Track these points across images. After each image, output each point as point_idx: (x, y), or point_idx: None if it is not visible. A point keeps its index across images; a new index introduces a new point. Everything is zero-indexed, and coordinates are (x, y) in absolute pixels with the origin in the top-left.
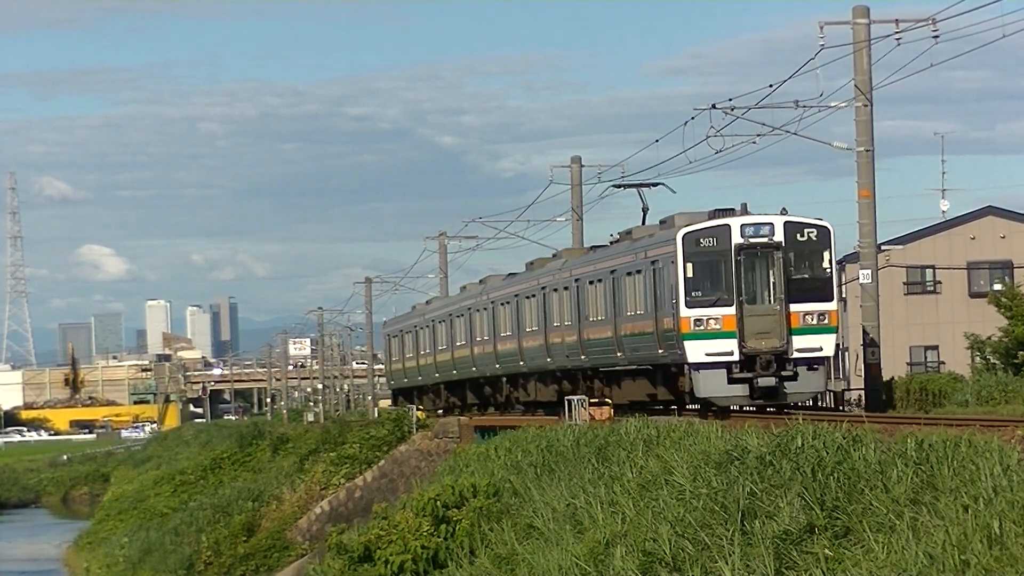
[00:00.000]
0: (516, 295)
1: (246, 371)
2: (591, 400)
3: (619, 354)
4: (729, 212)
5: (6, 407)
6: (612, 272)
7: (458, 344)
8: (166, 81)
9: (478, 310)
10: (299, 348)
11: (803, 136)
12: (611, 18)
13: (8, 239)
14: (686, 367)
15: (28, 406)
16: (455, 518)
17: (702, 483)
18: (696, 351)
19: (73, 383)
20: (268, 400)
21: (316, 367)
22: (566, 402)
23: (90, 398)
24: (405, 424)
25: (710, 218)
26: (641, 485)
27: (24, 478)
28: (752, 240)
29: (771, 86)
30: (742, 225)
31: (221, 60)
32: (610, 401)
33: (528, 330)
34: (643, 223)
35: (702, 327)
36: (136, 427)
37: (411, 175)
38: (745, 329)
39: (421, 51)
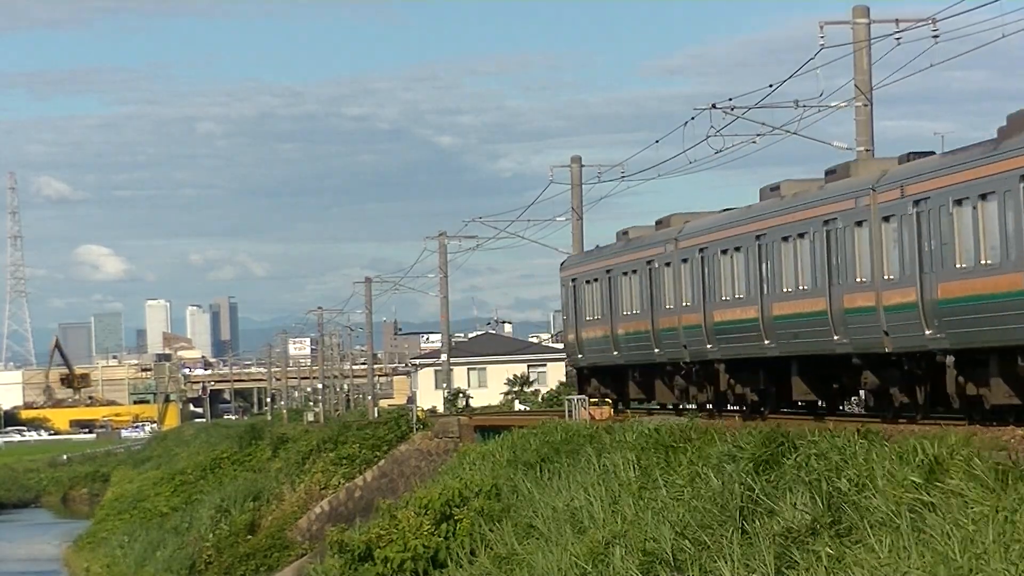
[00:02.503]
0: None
1: (246, 371)
2: (591, 400)
3: None
4: None
5: (6, 407)
6: None
7: (789, 290)
8: (164, 81)
9: (857, 223)
10: (299, 348)
11: (803, 136)
12: (608, 18)
13: (8, 239)
14: None
15: (28, 406)
16: (456, 517)
17: (702, 483)
18: None
19: (70, 380)
20: (268, 400)
21: (316, 367)
22: (565, 402)
23: (90, 398)
24: (404, 424)
25: None
26: (641, 485)
27: (24, 478)
28: None
29: (771, 86)
30: None
31: (219, 60)
32: (609, 401)
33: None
34: None
35: None
36: (136, 427)
37: (409, 175)
38: None
39: (419, 51)
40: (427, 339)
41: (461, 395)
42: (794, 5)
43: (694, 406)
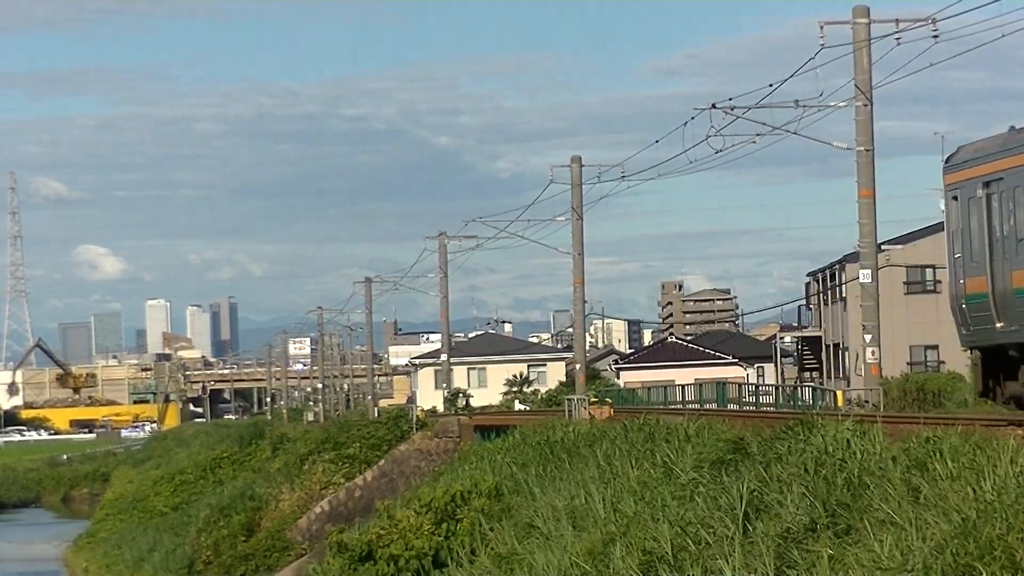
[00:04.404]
0: None
1: (246, 371)
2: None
3: None
4: None
5: (6, 407)
6: None
7: None
8: (161, 82)
9: None
10: (299, 348)
11: (803, 136)
12: (605, 18)
13: (8, 239)
14: None
15: (28, 406)
16: (457, 516)
17: (703, 481)
18: None
19: (65, 380)
20: (268, 400)
21: (315, 368)
22: (565, 401)
23: (90, 398)
24: (404, 424)
25: None
26: (642, 483)
27: (24, 478)
28: None
29: (771, 86)
30: None
31: (216, 61)
32: (610, 400)
33: None
34: None
35: None
36: (136, 427)
37: (407, 175)
38: None
39: (415, 51)
40: (427, 339)
41: (461, 395)
42: (790, 6)
43: None
